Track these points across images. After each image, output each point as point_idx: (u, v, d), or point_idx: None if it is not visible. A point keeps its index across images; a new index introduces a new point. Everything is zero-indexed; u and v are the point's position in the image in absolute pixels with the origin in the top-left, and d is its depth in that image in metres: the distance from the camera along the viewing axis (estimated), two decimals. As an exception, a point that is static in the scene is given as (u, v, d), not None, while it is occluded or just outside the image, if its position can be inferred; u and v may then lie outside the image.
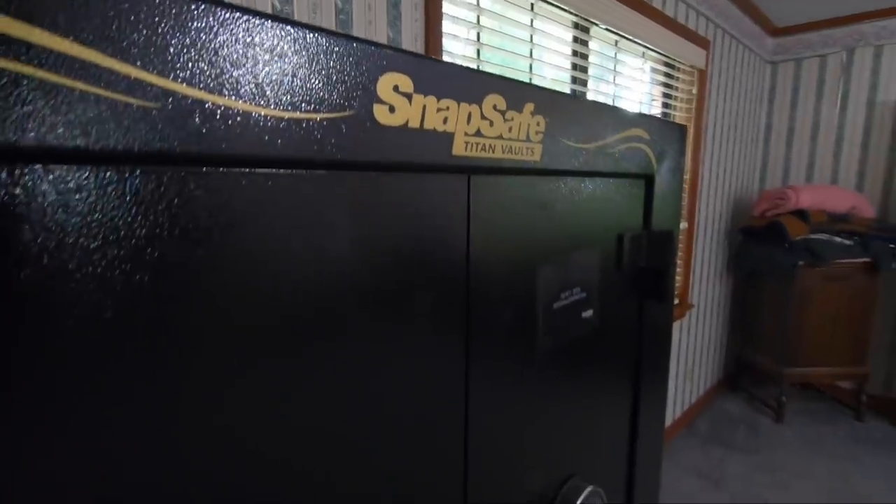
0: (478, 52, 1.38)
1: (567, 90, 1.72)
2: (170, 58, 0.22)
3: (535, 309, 0.50)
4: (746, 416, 2.95)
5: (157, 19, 0.22)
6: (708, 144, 2.66)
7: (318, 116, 0.28)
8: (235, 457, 0.28)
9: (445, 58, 1.27)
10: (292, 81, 0.27)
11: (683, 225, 2.58)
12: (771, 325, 2.89)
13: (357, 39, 0.30)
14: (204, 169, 0.25)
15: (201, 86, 0.24)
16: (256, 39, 0.25)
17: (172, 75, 0.23)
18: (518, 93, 0.42)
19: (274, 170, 0.28)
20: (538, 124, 0.44)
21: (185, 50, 0.23)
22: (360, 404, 0.35)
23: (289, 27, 0.26)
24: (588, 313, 0.58)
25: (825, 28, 2.97)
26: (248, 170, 0.27)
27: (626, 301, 0.66)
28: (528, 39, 1.53)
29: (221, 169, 0.26)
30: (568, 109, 0.48)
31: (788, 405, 2.92)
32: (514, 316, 0.48)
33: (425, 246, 0.38)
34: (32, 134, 0.19)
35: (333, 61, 0.28)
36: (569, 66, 1.72)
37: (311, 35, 0.27)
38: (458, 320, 0.42)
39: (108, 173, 0.22)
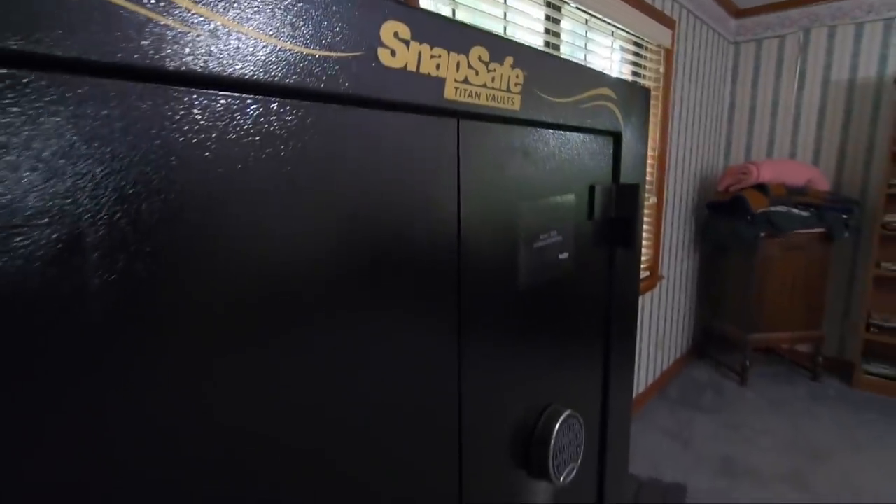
0: (454, 28, 1.42)
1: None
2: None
3: (518, 246, 0.56)
4: (713, 381, 3.12)
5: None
6: (675, 122, 2.76)
7: (335, 54, 0.33)
8: (228, 441, 0.31)
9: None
10: (313, 20, 0.32)
11: (653, 200, 2.69)
12: (735, 294, 3.05)
13: (363, -11, 0.34)
14: (235, 94, 0.30)
15: (231, 15, 0.28)
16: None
17: (214, 7, 0.27)
18: (499, 46, 0.47)
19: (296, 100, 0.33)
20: (517, 76, 0.50)
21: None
22: (355, 352, 0.40)
23: (309, -26, 0.31)
24: (564, 255, 0.64)
25: (783, 9, 3.10)
26: (277, 99, 0.31)
27: (597, 250, 0.73)
28: (502, 17, 1.57)
29: (254, 96, 0.30)
30: (544, 65, 0.53)
31: (751, 369, 3.11)
32: (501, 254, 0.53)
33: (423, 178, 0.43)
34: (75, 47, 0.24)
35: (346, 7, 0.33)
36: (542, 43, 1.78)
37: (327, -18, 0.32)
38: (452, 258, 0.47)
39: (156, 91, 0.26)
